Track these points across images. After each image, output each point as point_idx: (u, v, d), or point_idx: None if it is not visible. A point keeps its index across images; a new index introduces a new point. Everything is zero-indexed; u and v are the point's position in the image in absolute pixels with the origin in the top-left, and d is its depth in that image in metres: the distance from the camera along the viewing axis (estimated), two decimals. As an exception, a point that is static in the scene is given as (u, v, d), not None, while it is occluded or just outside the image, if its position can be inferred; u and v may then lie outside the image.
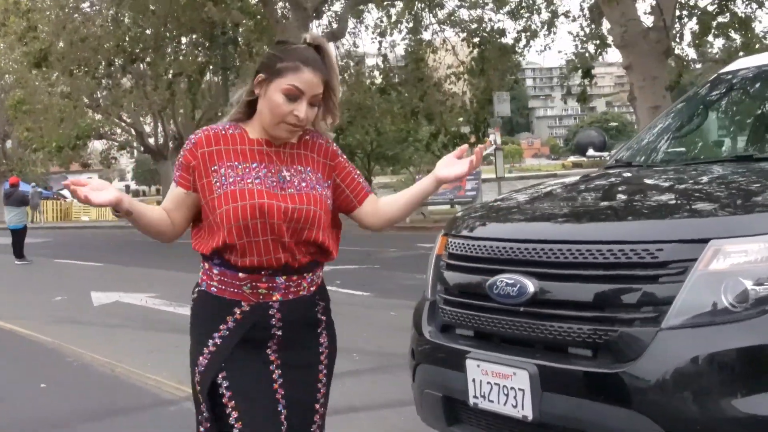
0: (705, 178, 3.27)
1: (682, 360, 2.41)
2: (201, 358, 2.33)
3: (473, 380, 2.86)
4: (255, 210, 2.26)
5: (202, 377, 2.32)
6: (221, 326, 2.33)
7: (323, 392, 2.49)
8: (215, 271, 2.35)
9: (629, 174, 3.72)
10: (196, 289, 2.42)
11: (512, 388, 2.73)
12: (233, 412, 2.30)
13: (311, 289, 2.41)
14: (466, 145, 2.65)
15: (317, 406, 2.47)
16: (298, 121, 2.31)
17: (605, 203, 3.27)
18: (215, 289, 2.35)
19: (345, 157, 2.53)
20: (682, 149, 4.08)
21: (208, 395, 2.33)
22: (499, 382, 2.77)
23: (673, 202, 3.01)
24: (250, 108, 2.41)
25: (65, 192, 51.43)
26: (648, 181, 3.45)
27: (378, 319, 7.75)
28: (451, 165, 2.46)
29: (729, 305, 2.40)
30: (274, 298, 2.33)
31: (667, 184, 3.32)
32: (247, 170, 2.32)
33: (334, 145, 2.50)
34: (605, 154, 4.39)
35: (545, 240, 2.80)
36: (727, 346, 2.40)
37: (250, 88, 2.37)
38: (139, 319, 8.72)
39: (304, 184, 2.36)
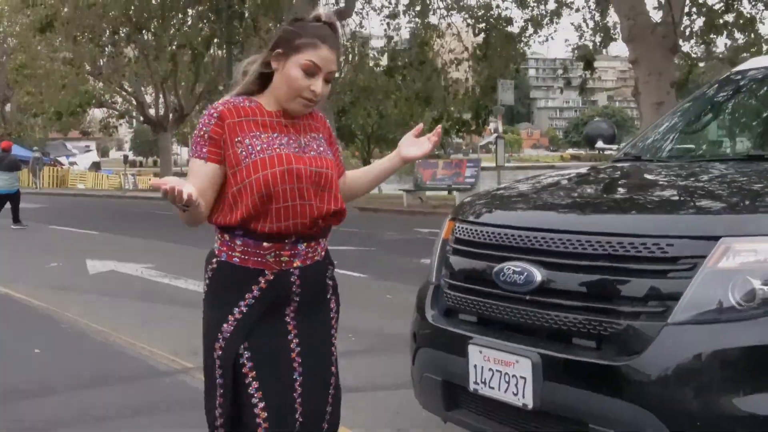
0: (716, 176, 3.25)
1: (687, 356, 2.41)
2: (226, 325, 2.36)
3: (474, 366, 2.86)
4: (285, 175, 2.31)
5: (227, 344, 2.35)
6: (247, 295, 2.36)
7: (336, 355, 2.55)
8: (238, 242, 2.37)
9: (640, 168, 3.70)
10: (215, 260, 2.42)
11: (514, 375, 2.73)
12: (254, 383, 2.34)
13: (322, 254, 2.48)
14: (421, 125, 2.73)
15: (333, 368, 2.53)
16: (314, 96, 2.38)
17: (617, 195, 3.26)
18: (237, 260, 2.37)
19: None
20: (692, 146, 4.07)
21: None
22: (501, 369, 2.77)
23: (685, 198, 3.00)
24: (262, 81, 2.45)
25: (63, 159, 51.35)
26: (659, 176, 3.44)
27: (375, 301, 7.75)
28: (413, 144, 2.62)
29: (736, 303, 2.40)
30: (294, 265, 2.39)
31: (678, 180, 3.31)
32: (271, 139, 2.38)
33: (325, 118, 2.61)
34: (614, 147, 4.37)
35: (554, 229, 2.79)
36: (731, 344, 2.41)
37: (266, 60, 2.40)
38: (135, 289, 8.71)
39: (321, 149, 2.45)
